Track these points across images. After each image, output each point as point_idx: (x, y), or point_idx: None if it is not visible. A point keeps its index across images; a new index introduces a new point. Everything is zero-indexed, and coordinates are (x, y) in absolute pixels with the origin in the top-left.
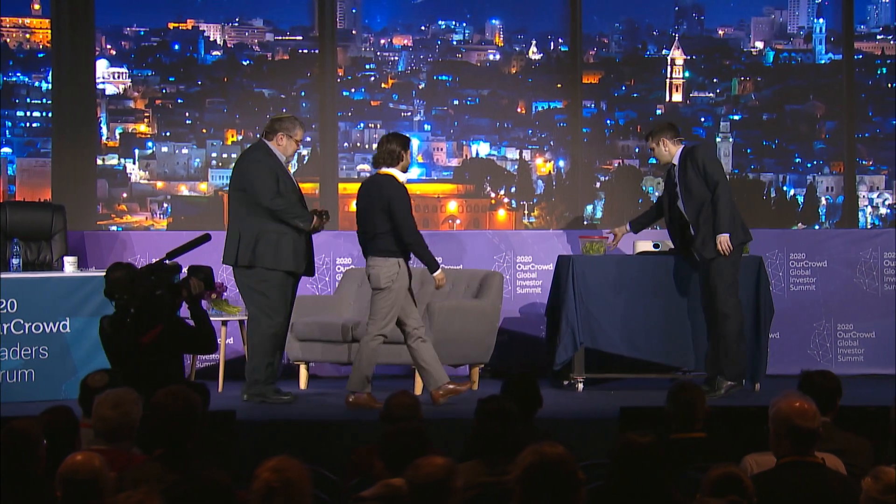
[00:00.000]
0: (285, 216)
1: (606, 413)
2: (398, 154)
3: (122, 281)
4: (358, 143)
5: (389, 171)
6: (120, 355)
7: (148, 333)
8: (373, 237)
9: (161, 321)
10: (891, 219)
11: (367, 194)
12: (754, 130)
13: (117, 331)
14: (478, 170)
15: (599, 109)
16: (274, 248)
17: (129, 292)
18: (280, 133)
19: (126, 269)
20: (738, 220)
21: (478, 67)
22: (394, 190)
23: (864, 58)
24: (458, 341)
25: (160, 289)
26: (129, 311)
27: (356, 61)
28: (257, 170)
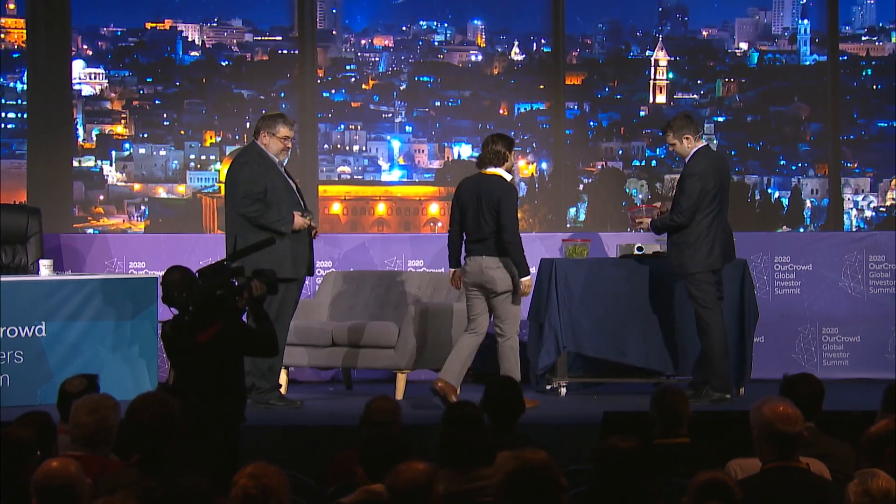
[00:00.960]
0: (262, 222)
1: (589, 418)
2: (503, 154)
3: (177, 283)
4: (338, 145)
5: (496, 171)
6: (178, 356)
7: (205, 332)
8: (482, 238)
9: (220, 320)
10: (876, 221)
11: (475, 194)
12: (738, 132)
13: (176, 331)
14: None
15: (582, 111)
16: (270, 255)
17: (188, 292)
18: (262, 132)
19: (182, 272)
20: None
21: (459, 68)
22: (504, 189)
23: (848, 59)
24: (440, 345)
25: (221, 289)
26: (188, 310)
27: (336, 62)
28: (239, 174)
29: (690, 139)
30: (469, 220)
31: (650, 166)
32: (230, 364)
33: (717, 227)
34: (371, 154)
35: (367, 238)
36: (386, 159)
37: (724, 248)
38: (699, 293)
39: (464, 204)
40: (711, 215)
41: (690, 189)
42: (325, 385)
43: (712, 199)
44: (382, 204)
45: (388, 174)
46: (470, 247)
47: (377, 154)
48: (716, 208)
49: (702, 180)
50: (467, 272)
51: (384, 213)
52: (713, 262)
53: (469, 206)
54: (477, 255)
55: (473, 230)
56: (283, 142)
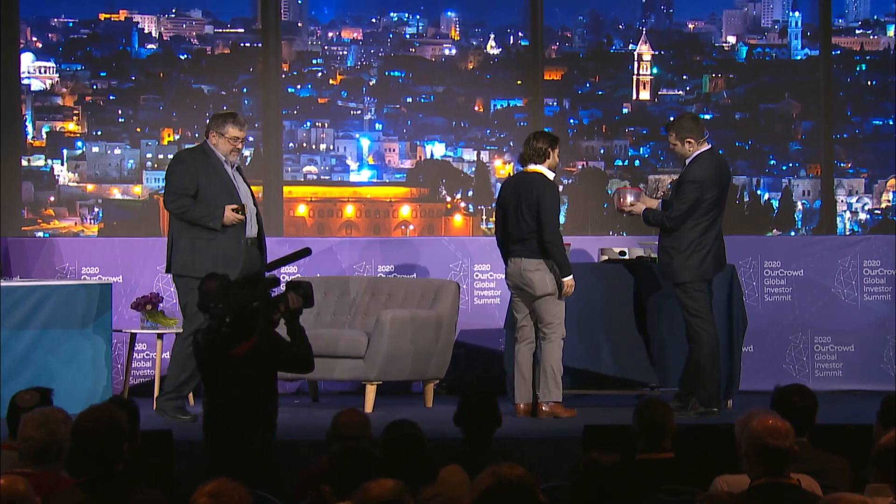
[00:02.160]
0: (188, 218)
1: (569, 432)
2: (545, 152)
3: (215, 292)
4: (304, 144)
5: (538, 169)
6: (211, 368)
7: (241, 345)
8: (523, 239)
9: (256, 334)
10: (871, 225)
11: (515, 193)
12: (726, 131)
13: (210, 342)
14: (432, 172)
15: (562, 108)
16: (201, 254)
17: (225, 303)
18: (212, 132)
19: (220, 280)
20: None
21: (432, 63)
22: (544, 187)
23: (842, 53)
24: (411, 355)
25: (257, 300)
26: (224, 321)
27: (302, 56)
28: (172, 171)
29: (693, 143)
30: (510, 220)
31: (633, 166)
32: (264, 379)
33: (712, 235)
34: (339, 153)
35: (335, 242)
36: (354, 159)
37: (716, 257)
38: (690, 301)
39: (504, 204)
40: (706, 224)
41: (688, 196)
42: (289, 397)
43: (710, 208)
44: (351, 206)
45: (356, 174)
46: (511, 248)
47: (345, 153)
48: (712, 217)
49: (701, 189)
50: (508, 275)
51: (353, 215)
52: (705, 271)
53: (510, 206)
54: (516, 257)
55: (514, 230)
56: (232, 142)
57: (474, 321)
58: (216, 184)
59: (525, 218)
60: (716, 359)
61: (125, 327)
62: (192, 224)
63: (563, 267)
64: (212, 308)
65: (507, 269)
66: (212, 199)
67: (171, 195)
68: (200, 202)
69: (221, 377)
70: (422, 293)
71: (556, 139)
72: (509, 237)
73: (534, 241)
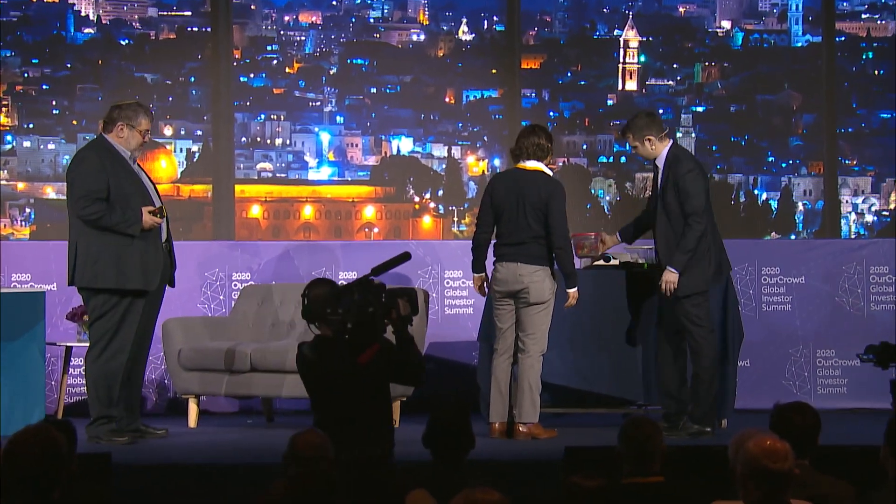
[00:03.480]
0: (104, 224)
1: (549, 454)
2: (546, 148)
3: (326, 298)
4: (258, 138)
5: (538, 167)
6: (330, 382)
7: (365, 353)
8: (520, 242)
9: (377, 340)
10: (878, 227)
11: (515, 192)
12: (720, 124)
13: (325, 353)
14: (399, 169)
15: (541, 99)
16: (117, 263)
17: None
18: (120, 123)
19: (330, 285)
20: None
21: (399, 50)
22: (553, 187)
23: (847, 40)
24: None
25: (371, 306)
26: (345, 328)
27: (255, 42)
28: (76, 172)
29: (654, 140)
30: (506, 221)
31: (619, 163)
32: (382, 389)
33: (712, 237)
34: (296, 148)
35: (292, 246)
36: (313, 155)
37: (719, 260)
38: (695, 310)
39: (500, 203)
40: (705, 218)
41: (695, 187)
42: (242, 417)
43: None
44: (309, 206)
45: (315, 172)
46: (502, 251)
47: (303, 148)
48: (707, 211)
49: (703, 175)
50: (498, 279)
51: (311, 216)
52: (714, 276)
53: (507, 206)
54: (510, 262)
55: (511, 232)
56: (144, 136)
57: (445, 332)
58: (126, 184)
59: (529, 220)
60: (714, 373)
61: (60, 340)
62: (103, 230)
63: (570, 276)
64: (328, 315)
65: (497, 274)
66: (124, 202)
67: (80, 200)
68: (113, 206)
69: (341, 388)
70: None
71: (552, 136)
72: (502, 239)
73: (535, 246)
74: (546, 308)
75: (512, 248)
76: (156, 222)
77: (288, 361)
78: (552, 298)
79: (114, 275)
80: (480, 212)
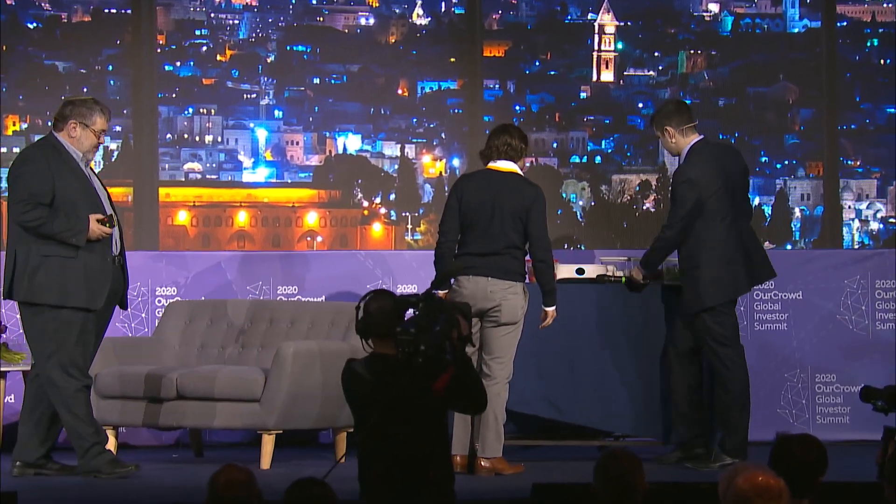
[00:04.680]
0: (45, 231)
1: (515, 491)
2: (521, 150)
3: (390, 312)
4: (185, 135)
5: (513, 169)
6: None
7: (441, 378)
8: (492, 253)
9: (450, 363)
10: (884, 237)
11: (489, 196)
12: (708, 120)
13: (384, 373)
14: (345, 171)
15: (506, 91)
16: (59, 277)
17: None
18: (72, 121)
19: (393, 298)
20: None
21: (345, 35)
22: (535, 193)
23: (849, 25)
24: (318, 397)
25: (437, 324)
26: (418, 348)
27: (182, 26)
28: (19, 174)
29: (672, 132)
30: (478, 229)
31: (593, 163)
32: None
33: (735, 239)
34: (228, 147)
35: (224, 257)
36: (248, 154)
37: (748, 266)
38: (718, 327)
39: (470, 207)
40: (724, 227)
41: (682, 197)
42: (167, 450)
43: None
44: (244, 212)
45: (250, 173)
46: (470, 261)
47: (236, 147)
48: (730, 217)
49: (696, 187)
50: (463, 296)
51: (246, 223)
52: (738, 287)
53: (479, 211)
54: (479, 275)
55: (482, 242)
56: (98, 136)
57: None
58: (74, 188)
59: (505, 229)
60: (747, 398)
61: None
62: (45, 238)
63: (550, 294)
64: (398, 334)
65: (461, 289)
66: (70, 208)
67: (21, 204)
68: (58, 212)
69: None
70: (332, 320)
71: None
72: (468, 249)
73: (509, 258)
74: (516, 329)
75: (482, 260)
76: (104, 232)
77: (218, 387)
78: (523, 318)
79: (55, 290)
80: (445, 217)
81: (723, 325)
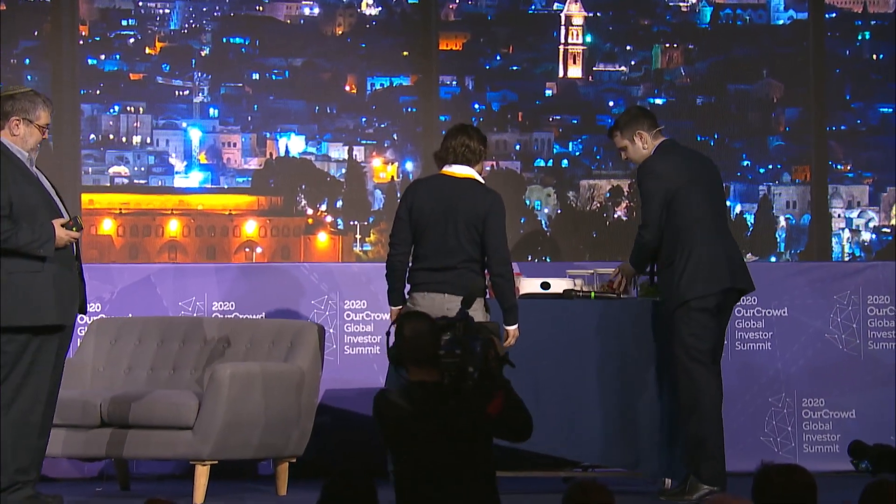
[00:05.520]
0: (10, 245)
1: None
2: (479, 152)
3: (426, 335)
4: (111, 135)
5: (470, 174)
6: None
7: (494, 402)
8: (448, 267)
9: (500, 386)
10: (877, 248)
11: (442, 203)
12: (684, 121)
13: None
14: (288, 175)
15: (464, 88)
16: (25, 294)
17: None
18: (14, 118)
19: (427, 320)
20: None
21: (287, 26)
22: (492, 199)
23: (838, 17)
24: (258, 423)
25: (477, 344)
26: (466, 372)
27: (107, 15)
28: None
29: (645, 136)
30: (432, 240)
31: (559, 167)
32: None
33: (715, 235)
34: (159, 148)
35: (154, 270)
36: (180, 156)
37: (731, 265)
38: (693, 339)
39: (423, 217)
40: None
41: (649, 191)
42: (90, 483)
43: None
44: (175, 221)
45: (183, 178)
46: (423, 277)
47: (168, 149)
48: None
49: (663, 180)
50: None
51: (178, 233)
52: (715, 282)
53: (432, 221)
54: (434, 292)
55: (436, 255)
56: (43, 132)
57: (345, 377)
58: (30, 194)
59: (461, 240)
60: (719, 421)
61: None
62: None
63: (511, 311)
64: (443, 357)
65: (417, 307)
66: (30, 216)
67: None
68: (19, 222)
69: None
70: (273, 340)
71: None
72: (422, 263)
73: (467, 272)
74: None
75: (437, 275)
76: (72, 237)
77: (146, 414)
78: None
79: (25, 309)
80: (395, 228)
81: (699, 338)
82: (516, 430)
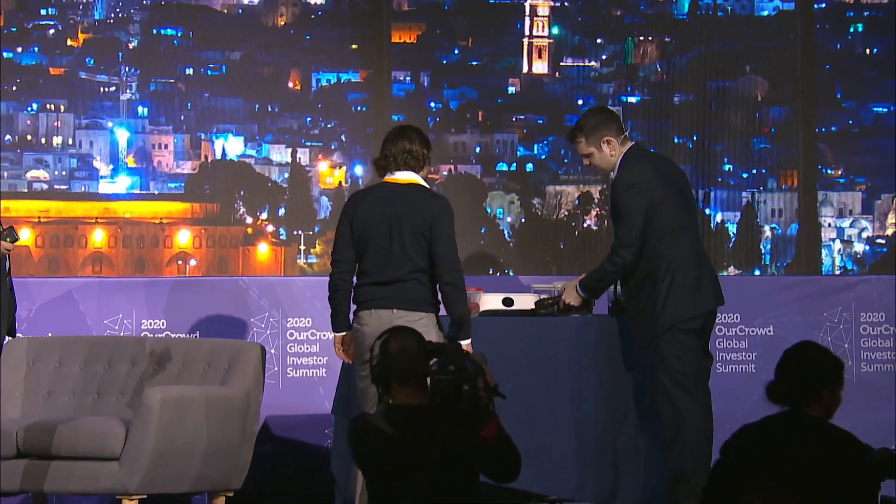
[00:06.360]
0: None
1: None
2: (423, 156)
3: (415, 352)
4: (28, 136)
5: (414, 180)
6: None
7: (489, 425)
8: (395, 280)
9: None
10: (871, 260)
11: (385, 214)
12: (660, 120)
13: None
14: (224, 180)
15: (418, 85)
16: None
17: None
18: None
19: (416, 336)
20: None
21: (224, 16)
22: (438, 204)
23: (828, 7)
24: (192, 454)
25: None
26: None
27: (24, 3)
28: None
29: (613, 143)
30: (377, 253)
31: (524, 172)
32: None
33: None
34: (82, 151)
35: (76, 284)
36: (106, 159)
37: (713, 283)
38: (676, 361)
39: (364, 229)
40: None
41: (629, 207)
42: None
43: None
44: (100, 230)
45: (109, 183)
46: (370, 293)
47: (92, 150)
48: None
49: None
50: (365, 333)
51: (103, 243)
52: (702, 302)
53: (375, 233)
54: (382, 308)
55: (382, 269)
56: None
57: (287, 402)
58: None
59: (407, 250)
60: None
61: None
62: None
63: (463, 324)
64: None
65: (362, 325)
66: None
67: None
68: None
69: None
70: (208, 361)
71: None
72: (368, 278)
73: (415, 285)
74: None
75: (384, 290)
76: (7, 249)
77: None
78: None
79: None
80: (336, 244)
81: (685, 362)
82: (510, 462)
